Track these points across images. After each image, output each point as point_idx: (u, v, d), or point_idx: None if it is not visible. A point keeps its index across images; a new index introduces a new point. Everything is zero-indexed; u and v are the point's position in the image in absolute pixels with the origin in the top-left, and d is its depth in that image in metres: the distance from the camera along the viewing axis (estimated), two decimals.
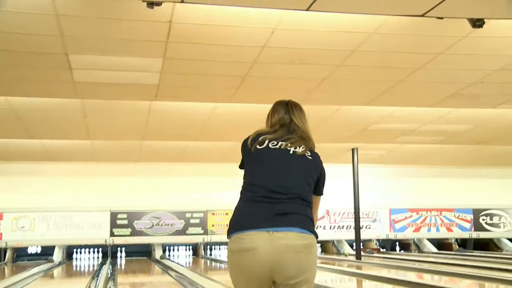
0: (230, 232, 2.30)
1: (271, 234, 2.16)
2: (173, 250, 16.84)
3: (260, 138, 2.48)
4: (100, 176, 16.00)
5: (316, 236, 2.35)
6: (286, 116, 2.60)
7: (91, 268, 13.54)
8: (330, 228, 17.61)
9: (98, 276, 10.64)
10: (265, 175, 2.33)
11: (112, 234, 16.16)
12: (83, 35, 6.04)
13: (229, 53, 6.55)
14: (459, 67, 7.30)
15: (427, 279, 9.08)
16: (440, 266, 11.24)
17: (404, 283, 8.33)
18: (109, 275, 10.57)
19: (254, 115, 9.80)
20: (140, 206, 16.37)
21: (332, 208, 17.59)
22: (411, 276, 9.36)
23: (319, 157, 2.53)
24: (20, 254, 16.22)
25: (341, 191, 16.88)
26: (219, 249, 16.46)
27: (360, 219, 14.42)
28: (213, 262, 14.89)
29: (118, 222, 16.30)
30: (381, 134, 11.58)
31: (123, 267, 13.66)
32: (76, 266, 14.70)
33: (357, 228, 14.11)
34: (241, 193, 2.40)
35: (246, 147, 2.53)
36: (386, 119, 10.39)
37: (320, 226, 17.54)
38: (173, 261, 14.21)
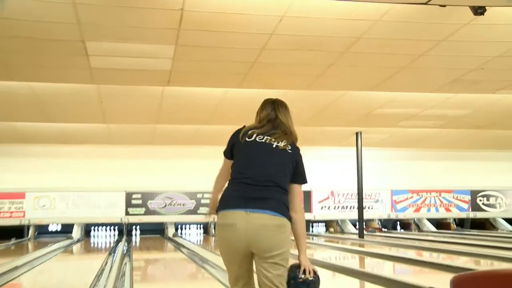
0: (218, 210, 2.61)
1: (248, 214, 2.48)
2: (185, 228, 16.95)
3: (249, 132, 2.69)
4: (116, 158, 16.05)
5: (289, 219, 2.58)
6: (272, 112, 2.77)
7: (107, 245, 13.64)
8: (334, 208, 17.63)
9: (114, 252, 10.72)
10: (251, 165, 2.60)
11: (127, 213, 16.27)
12: (99, 23, 6.01)
13: (239, 40, 6.50)
14: (461, 54, 7.22)
15: (426, 256, 9.08)
16: (438, 244, 11.25)
17: (405, 260, 8.36)
18: (124, 252, 10.64)
19: (263, 99, 9.79)
20: (154, 187, 16.44)
21: (336, 189, 17.59)
22: (411, 254, 9.37)
23: (299, 150, 2.75)
24: (42, 231, 16.37)
25: (345, 173, 16.89)
26: None
27: (363, 200, 14.40)
28: None
29: (133, 202, 16.39)
30: (384, 118, 11.52)
31: (137, 244, 13.74)
32: (93, 243, 14.81)
33: (360, 208, 14.11)
34: (231, 177, 2.67)
35: (237, 138, 2.72)
36: (389, 104, 10.33)
37: (325, 207, 17.55)
38: (185, 239, 14.28)
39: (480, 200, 18.36)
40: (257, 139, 2.65)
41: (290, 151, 2.67)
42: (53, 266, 9.00)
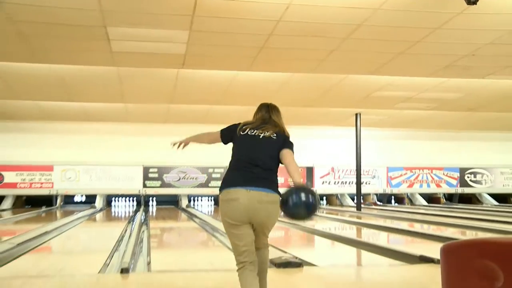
0: (221, 189, 2.92)
1: (249, 192, 2.81)
2: (197, 200, 17.06)
3: (244, 127, 3.04)
4: (134, 135, 16.08)
5: (279, 194, 2.87)
6: (266, 114, 3.12)
7: (127, 214, 13.75)
8: (334, 183, 17.66)
9: (133, 221, 10.81)
10: (245, 152, 2.94)
11: (144, 186, 16.40)
12: (120, 9, 5.96)
13: (249, 26, 6.44)
14: (454, 41, 7.14)
15: (417, 227, 9.11)
16: (429, 217, 11.27)
17: (398, 231, 8.38)
18: (142, 221, 10.72)
19: (270, 81, 9.74)
20: (169, 162, 16.51)
21: (336, 165, 17.60)
22: (404, 225, 9.40)
23: (285, 136, 3.04)
24: (68, 201, 16.55)
25: (345, 151, 16.87)
26: None
27: (361, 176, 14.39)
28: None
29: (150, 175, 16.50)
30: (382, 100, 11.46)
31: (154, 214, 13.84)
32: (114, 212, 14.93)
33: (358, 184, 14.11)
34: (230, 163, 3.01)
35: (235, 132, 3.07)
36: (387, 87, 10.25)
37: (326, 182, 17.58)
38: (197, 210, 14.37)
39: (468, 177, 18.36)
40: (248, 132, 2.99)
41: (274, 138, 2.98)
42: (78, 232, 9.09)
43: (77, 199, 16.86)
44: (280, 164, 3.03)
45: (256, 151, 2.93)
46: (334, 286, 3.89)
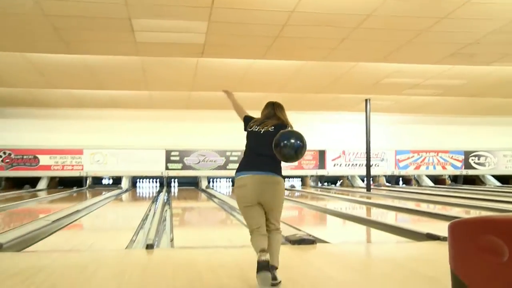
0: (236, 174, 3.27)
1: (254, 176, 3.15)
2: (216, 181, 17.12)
3: (251, 124, 3.39)
4: (157, 120, 16.16)
5: (283, 177, 3.23)
6: (271, 111, 3.42)
7: (150, 195, 13.87)
8: (345, 166, 17.60)
9: (156, 201, 10.89)
10: (251, 145, 3.33)
11: (167, 168, 16.50)
12: (143, 2, 5.96)
13: (264, 17, 6.40)
14: (459, 30, 7.01)
15: (424, 207, 9.05)
16: (435, 197, 11.19)
17: (406, 210, 8.34)
18: (165, 201, 10.79)
19: (284, 69, 9.69)
20: (190, 146, 16.57)
21: (347, 149, 17.51)
22: (411, 205, 9.33)
23: (284, 125, 3.30)
24: (96, 182, 16.75)
25: (355, 135, 16.77)
26: None
27: (371, 159, 14.30)
28: None
29: (172, 158, 16.58)
30: (390, 87, 11.33)
31: (176, 194, 13.94)
32: (139, 192, 15.07)
33: (368, 166, 14.04)
34: (244, 152, 3.36)
35: (246, 126, 3.44)
36: (395, 74, 10.13)
37: (337, 164, 17.51)
38: (216, 191, 14.43)
39: (472, 160, 18.18)
40: (253, 129, 3.34)
41: (272, 130, 3.26)
42: (106, 211, 9.21)
43: (104, 182, 17.06)
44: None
45: (259, 144, 3.27)
46: (346, 261, 3.90)
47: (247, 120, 3.49)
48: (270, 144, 3.13)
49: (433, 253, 4.22)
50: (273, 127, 3.29)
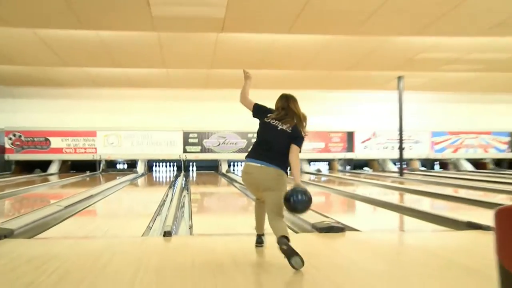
0: (246, 159, 3.71)
1: (261, 167, 3.60)
2: (237, 165, 17.19)
3: (269, 115, 3.76)
4: (174, 100, 16.25)
5: (286, 173, 3.66)
6: (285, 103, 3.78)
7: (168, 179, 14.01)
8: (376, 148, 17.45)
9: (174, 186, 11.02)
10: (265, 138, 3.72)
11: (185, 151, 16.62)
12: None
13: None
14: None
15: (463, 193, 8.89)
16: (475, 182, 10.98)
17: (443, 197, 8.20)
18: (183, 186, 10.87)
19: (310, 45, 9.58)
20: (209, 127, 16.64)
21: (378, 130, 17.34)
22: (449, 191, 9.18)
23: (299, 130, 3.71)
24: (110, 166, 17.00)
25: (387, 115, 16.57)
26: None
27: (404, 141, 14.13)
28: None
29: (190, 140, 16.69)
30: (426, 63, 11.11)
31: (194, 179, 14.04)
32: (155, 177, 15.24)
33: (401, 148, 13.88)
34: (255, 142, 3.79)
35: (263, 115, 3.79)
36: (431, 49, 9.92)
37: (367, 147, 17.38)
38: (237, 175, 14.45)
39: None
40: (271, 122, 3.71)
41: (289, 131, 3.67)
42: (121, 196, 9.33)
43: (119, 166, 17.31)
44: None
45: (273, 139, 3.67)
46: (378, 250, 3.87)
47: (260, 108, 3.85)
48: (283, 143, 3.65)
49: (474, 242, 4.15)
50: (291, 129, 3.69)
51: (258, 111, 3.86)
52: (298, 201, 3.48)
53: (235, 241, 4.20)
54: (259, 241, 3.95)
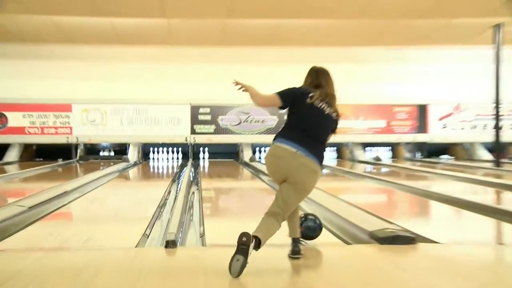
0: (276, 139, 4.09)
1: (296, 153, 3.94)
2: (264, 151, 17.14)
3: (310, 95, 4.09)
4: (179, 62, 16.26)
5: (322, 167, 4.10)
6: (323, 80, 4.18)
7: (170, 170, 14.08)
8: (460, 128, 17.23)
9: (179, 179, 11.09)
10: (310, 121, 4.06)
11: (193, 132, 16.70)
12: None
13: None
14: None
15: None
16: None
17: None
18: (191, 179, 10.96)
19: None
20: (226, 99, 16.59)
21: (463, 102, 17.10)
22: None
23: (338, 117, 4.20)
24: (91, 152, 17.12)
25: (476, 81, 16.31)
26: None
27: (501, 117, 13.89)
28: None
29: (200, 117, 16.74)
30: None
31: (206, 169, 14.09)
32: (153, 167, 15.39)
33: (497, 128, 13.66)
34: (292, 125, 4.11)
35: (300, 97, 4.11)
36: None
37: (446, 126, 17.20)
38: (264, 164, 14.42)
39: None
40: (315, 103, 4.07)
41: (334, 117, 4.15)
42: (107, 193, 9.43)
43: (104, 153, 17.41)
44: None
45: (319, 125, 4.09)
46: (463, 271, 3.83)
47: (290, 93, 4.15)
48: (327, 130, 4.13)
49: None
50: (335, 114, 4.16)
51: (290, 95, 4.15)
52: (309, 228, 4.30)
53: (264, 254, 4.20)
54: (295, 251, 4.13)
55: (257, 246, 3.80)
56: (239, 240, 3.71)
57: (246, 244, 3.68)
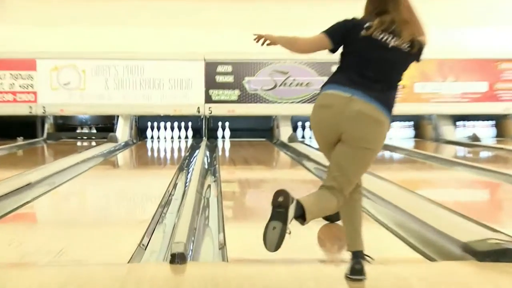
0: (323, 87, 4.19)
1: (351, 99, 3.98)
2: (311, 128, 16.96)
3: (366, 25, 4.10)
4: (187, 1, 16.26)
5: (390, 118, 4.09)
6: (381, 6, 4.16)
7: (176, 154, 14.15)
8: None
9: (188, 167, 11.18)
10: (369, 56, 4.10)
11: (208, 100, 16.70)
12: None
13: None
14: None
15: None
16: None
17: None
18: (206, 166, 11.02)
19: None
20: (254, 53, 16.47)
21: None
22: None
23: (421, 46, 4.20)
24: (64, 128, 17.21)
25: None
26: None
27: None
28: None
29: (218, 78, 16.73)
30: None
31: (227, 153, 14.14)
32: (152, 150, 15.60)
33: None
34: (345, 61, 4.23)
35: (352, 30, 4.17)
36: None
37: None
38: (310, 146, 14.42)
39: None
40: (373, 35, 4.09)
41: (407, 49, 4.14)
42: (85, 186, 9.52)
43: (83, 130, 17.48)
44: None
45: (381, 62, 4.11)
46: None
47: (341, 27, 4.24)
48: (398, 70, 4.20)
49: None
50: (409, 45, 4.15)
51: (339, 30, 4.24)
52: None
53: (310, 274, 4.21)
54: (356, 270, 4.08)
55: (301, 216, 3.86)
56: (273, 200, 3.77)
57: (283, 206, 3.73)
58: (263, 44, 4.44)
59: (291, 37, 4.37)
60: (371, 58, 4.11)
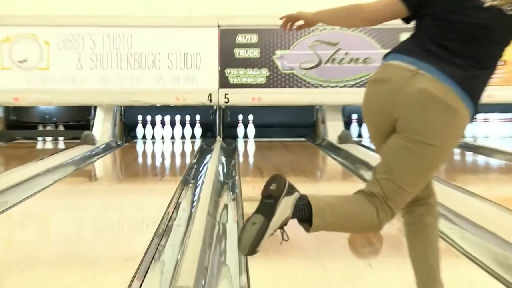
0: (384, 58, 4.25)
1: (417, 71, 3.96)
2: None
3: None
4: None
5: (473, 110, 4.03)
6: None
7: (178, 161, 14.25)
8: None
9: (196, 179, 11.20)
10: (447, 21, 4.05)
11: (224, 84, 16.72)
12: None
13: None
14: None
15: None
16: None
17: None
18: (220, 178, 11.04)
19: None
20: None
21: None
22: None
23: None
24: (20, 125, 17.33)
25: None
26: None
27: None
28: None
29: (238, 53, 16.76)
30: None
31: (251, 159, 14.22)
32: (143, 154, 15.73)
33: None
34: (415, 29, 4.28)
35: None
36: None
37: None
38: (369, 148, 14.43)
39: None
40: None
41: (511, 12, 3.97)
42: (49, 207, 9.55)
43: (47, 126, 17.60)
44: None
45: (470, 32, 4.03)
46: None
47: None
48: (496, 36, 4.07)
49: None
50: None
51: None
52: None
53: None
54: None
55: (306, 219, 4.05)
56: (264, 189, 3.91)
57: (273, 196, 3.85)
58: (290, 29, 4.57)
59: (340, 8, 4.38)
60: (457, 22, 4.01)
